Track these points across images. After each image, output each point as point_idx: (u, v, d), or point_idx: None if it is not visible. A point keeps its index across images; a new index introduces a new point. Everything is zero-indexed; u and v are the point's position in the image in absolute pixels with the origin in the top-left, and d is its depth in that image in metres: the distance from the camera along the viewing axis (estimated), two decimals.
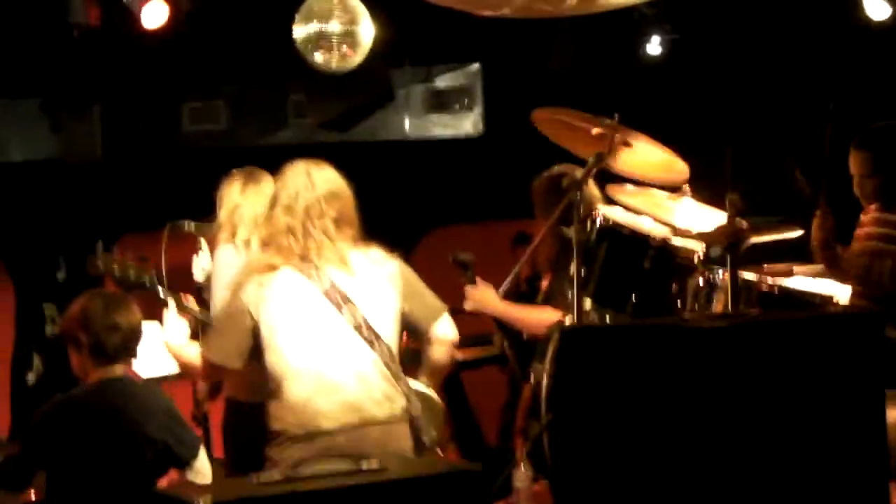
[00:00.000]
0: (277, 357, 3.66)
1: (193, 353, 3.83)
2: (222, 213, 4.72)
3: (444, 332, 3.93)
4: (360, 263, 3.77)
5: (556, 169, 4.90)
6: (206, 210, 4.86)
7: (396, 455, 3.62)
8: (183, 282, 4.41)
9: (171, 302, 3.92)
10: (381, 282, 3.78)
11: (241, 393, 4.54)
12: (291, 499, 2.80)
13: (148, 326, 4.26)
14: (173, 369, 4.48)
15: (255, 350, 3.71)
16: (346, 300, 3.70)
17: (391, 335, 3.76)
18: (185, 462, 3.98)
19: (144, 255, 4.51)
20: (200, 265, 4.61)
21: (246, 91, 6.97)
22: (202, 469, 3.98)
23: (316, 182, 3.79)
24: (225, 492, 2.80)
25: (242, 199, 4.70)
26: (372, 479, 2.96)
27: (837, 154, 4.74)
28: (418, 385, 3.92)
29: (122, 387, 3.97)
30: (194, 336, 4.14)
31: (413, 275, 3.90)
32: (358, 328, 3.70)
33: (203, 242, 4.64)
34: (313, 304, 3.69)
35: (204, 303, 4.40)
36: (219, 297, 4.38)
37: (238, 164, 4.93)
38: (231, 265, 4.59)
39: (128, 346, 3.99)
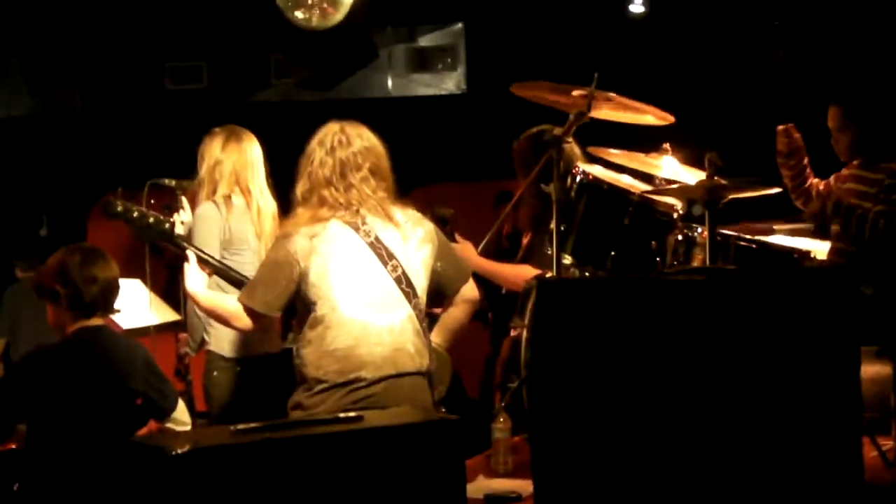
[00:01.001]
0: (326, 306, 3.71)
1: (230, 302, 3.82)
2: (203, 170, 4.74)
3: (471, 293, 4.03)
4: (401, 219, 3.84)
5: (536, 129, 4.91)
6: (187, 168, 4.86)
7: (422, 407, 3.74)
8: None
9: (191, 253, 3.91)
10: (418, 239, 3.86)
11: (231, 349, 4.58)
12: (269, 446, 2.81)
13: (126, 282, 4.27)
14: (153, 322, 4.51)
15: (293, 301, 3.75)
16: (390, 254, 3.78)
17: (423, 292, 3.84)
18: (164, 413, 3.99)
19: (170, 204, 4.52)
20: (180, 221, 4.62)
21: (227, 50, 6.94)
22: (181, 419, 4.00)
23: (350, 138, 3.83)
24: (202, 440, 2.80)
25: (223, 156, 4.72)
26: (349, 427, 2.98)
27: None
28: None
29: (102, 336, 3.98)
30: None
31: (444, 237, 4.00)
32: (398, 281, 3.78)
33: (183, 199, 4.64)
34: (360, 255, 3.76)
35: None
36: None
37: (219, 123, 4.94)
38: (212, 220, 4.62)
39: (106, 298, 3.99)
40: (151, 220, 3.98)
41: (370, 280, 3.76)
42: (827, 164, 4.83)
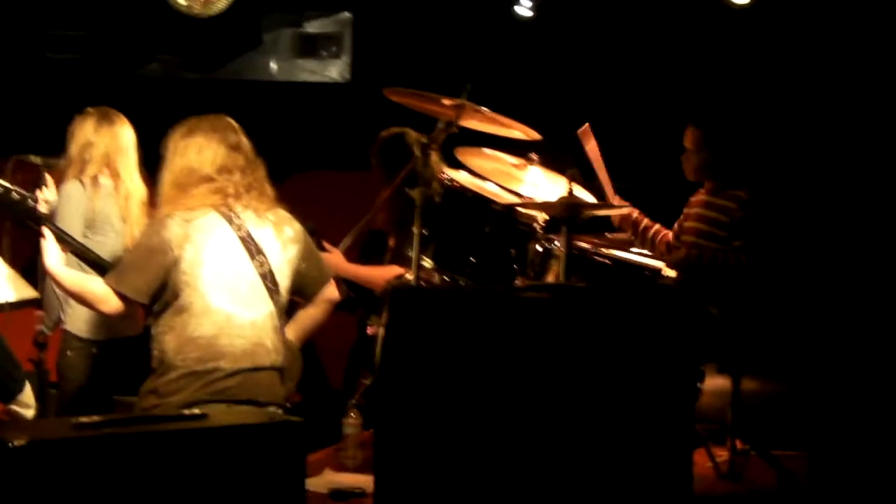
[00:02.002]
0: (194, 294, 3.76)
1: (96, 285, 3.82)
2: (73, 149, 4.71)
3: (331, 294, 4.13)
4: (273, 218, 3.93)
5: (397, 129, 5.00)
6: (60, 142, 4.82)
7: (274, 401, 3.84)
8: None
9: (49, 232, 3.89)
10: (286, 239, 3.95)
11: (88, 329, 4.56)
12: (109, 441, 2.85)
13: None
14: (9, 299, 4.47)
15: (161, 287, 3.78)
16: (259, 250, 3.86)
17: (286, 290, 3.94)
18: (11, 395, 3.95)
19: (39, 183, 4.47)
20: (44, 199, 4.58)
21: (110, 22, 6.82)
22: (27, 402, 3.97)
23: (241, 134, 3.94)
24: (42, 433, 2.83)
25: (96, 138, 4.70)
26: (192, 425, 3.03)
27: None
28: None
29: None
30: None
31: (310, 238, 4.09)
32: (264, 278, 3.86)
33: (49, 177, 4.61)
34: (231, 248, 3.83)
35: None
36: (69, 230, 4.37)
37: (99, 96, 4.90)
38: (75, 200, 4.60)
39: None
40: (15, 196, 3.96)
41: (238, 273, 3.84)
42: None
